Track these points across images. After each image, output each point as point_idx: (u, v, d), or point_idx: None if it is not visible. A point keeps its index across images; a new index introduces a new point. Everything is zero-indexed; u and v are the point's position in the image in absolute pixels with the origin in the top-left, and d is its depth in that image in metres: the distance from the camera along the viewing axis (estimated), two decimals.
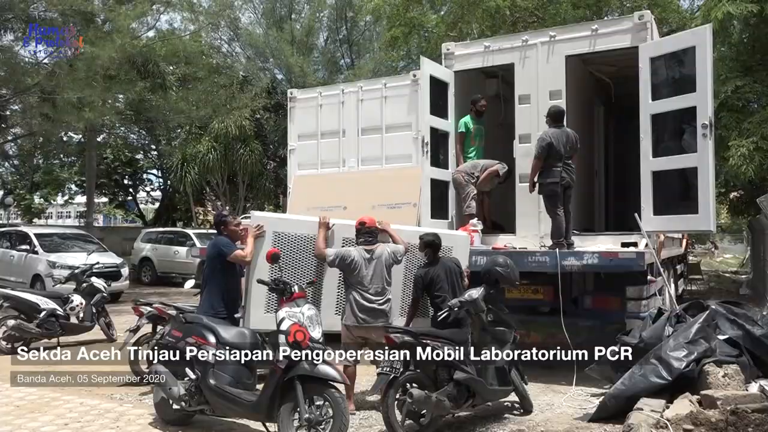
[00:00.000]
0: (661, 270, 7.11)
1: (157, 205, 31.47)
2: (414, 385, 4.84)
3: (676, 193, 6.82)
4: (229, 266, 5.50)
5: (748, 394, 4.77)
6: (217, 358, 4.73)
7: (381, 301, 5.47)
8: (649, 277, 6.70)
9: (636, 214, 6.80)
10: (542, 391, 6.22)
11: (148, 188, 32.31)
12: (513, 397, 5.51)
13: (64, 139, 23.04)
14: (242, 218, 6.60)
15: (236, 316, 5.55)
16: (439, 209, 7.93)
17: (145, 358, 6.45)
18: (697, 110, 6.39)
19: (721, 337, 5.51)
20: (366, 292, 5.44)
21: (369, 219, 5.75)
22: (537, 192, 7.02)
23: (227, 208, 20.28)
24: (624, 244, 6.90)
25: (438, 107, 7.97)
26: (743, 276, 22.31)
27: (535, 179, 6.94)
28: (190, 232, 19.59)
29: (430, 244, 5.80)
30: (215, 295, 5.39)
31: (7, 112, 17.62)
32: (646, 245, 6.65)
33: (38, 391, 6.36)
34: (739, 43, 12.10)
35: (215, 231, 5.88)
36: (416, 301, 5.86)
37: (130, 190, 30.76)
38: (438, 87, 7.98)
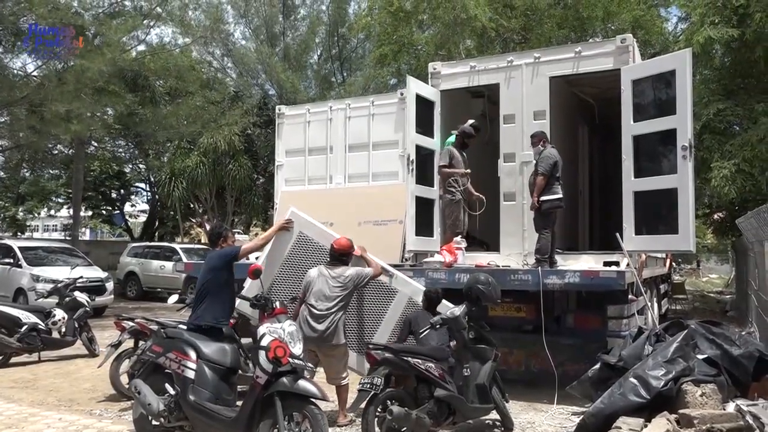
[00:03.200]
0: (642, 289, 7.17)
1: (144, 218, 31.32)
2: (394, 402, 4.84)
3: (657, 214, 6.89)
4: (231, 278, 5.43)
5: (724, 414, 4.80)
6: (198, 373, 4.70)
7: (322, 319, 5.48)
8: (630, 296, 6.76)
9: (617, 234, 6.88)
10: (523, 409, 6.24)
11: (135, 202, 32.16)
12: (494, 415, 5.51)
13: (54, 152, 22.92)
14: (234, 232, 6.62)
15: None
16: (424, 226, 7.97)
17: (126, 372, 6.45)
18: (678, 132, 6.49)
19: (700, 357, 5.54)
20: (314, 308, 5.50)
21: (341, 243, 5.75)
22: (537, 209, 7.03)
23: (222, 222, 20.21)
24: (606, 263, 6.97)
25: (424, 126, 8.04)
26: (728, 296, 22.47)
27: (541, 197, 6.99)
28: (176, 246, 19.53)
29: (428, 296, 5.85)
30: (219, 304, 5.23)
31: None
32: (627, 265, 6.72)
33: (17, 406, 6.32)
34: (721, 67, 12.36)
35: (210, 244, 5.82)
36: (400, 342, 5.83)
37: (117, 204, 30.58)
38: (424, 106, 8.06)
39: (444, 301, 5.87)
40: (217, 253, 5.44)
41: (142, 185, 30.28)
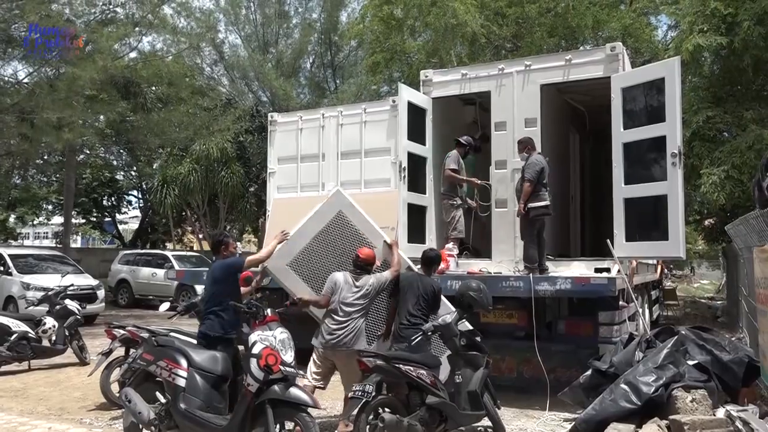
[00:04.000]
0: (633, 296, 7.20)
1: (135, 226, 31.15)
2: (386, 409, 4.83)
3: (647, 220, 6.94)
4: (237, 288, 5.40)
5: (714, 419, 4.83)
6: (188, 381, 4.68)
7: (344, 326, 5.41)
8: (620, 303, 6.79)
9: (608, 240, 6.92)
10: (516, 416, 6.24)
11: (126, 209, 31.99)
12: (486, 421, 5.49)
13: (45, 157, 22.77)
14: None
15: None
16: (416, 233, 7.99)
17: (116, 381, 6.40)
18: (667, 139, 6.55)
19: (690, 363, 5.57)
20: (336, 314, 5.42)
21: (366, 253, 5.67)
22: (525, 216, 7.04)
23: (223, 230, 20.13)
24: (597, 270, 7.00)
25: (416, 133, 8.08)
26: (719, 302, 22.56)
27: (528, 204, 7.01)
28: (168, 254, 19.44)
29: (426, 255, 5.96)
30: (227, 316, 5.21)
31: None
32: (618, 271, 6.75)
33: (6, 415, 6.26)
34: (710, 75, 12.47)
35: (213, 252, 5.77)
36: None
37: (107, 211, 30.41)
38: (416, 113, 8.10)
39: (444, 300, 5.86)
40: (221, 264, 5.41)
41: (135, 192, 30.19)
